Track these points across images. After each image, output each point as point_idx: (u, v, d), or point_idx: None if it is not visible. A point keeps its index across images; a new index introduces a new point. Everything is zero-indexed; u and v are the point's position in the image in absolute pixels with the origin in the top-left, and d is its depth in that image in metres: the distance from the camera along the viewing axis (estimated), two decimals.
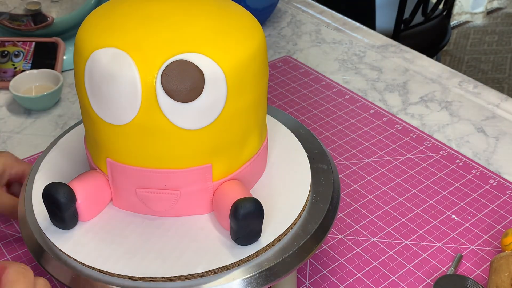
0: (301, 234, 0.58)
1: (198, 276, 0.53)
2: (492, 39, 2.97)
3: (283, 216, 0.58)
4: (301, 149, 0.67)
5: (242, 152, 0.59)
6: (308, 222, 0.59)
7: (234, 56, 0.54)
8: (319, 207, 0.61)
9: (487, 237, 0.74)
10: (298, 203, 0.60)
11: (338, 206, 0.62)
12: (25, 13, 1.02)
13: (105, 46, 0.53)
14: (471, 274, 0.69)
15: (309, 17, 1.26)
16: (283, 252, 0.56)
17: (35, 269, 0.70)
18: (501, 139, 0.90)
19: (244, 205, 0.53)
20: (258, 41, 0.57)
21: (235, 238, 0.55)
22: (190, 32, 0.53)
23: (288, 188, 0.62)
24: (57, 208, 0.55)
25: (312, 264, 0.70)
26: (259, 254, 0.56)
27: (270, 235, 0.56)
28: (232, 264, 0.54)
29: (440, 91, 1.01)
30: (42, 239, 0.58)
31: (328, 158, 0.67)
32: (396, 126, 0.92)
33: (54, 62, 1.03)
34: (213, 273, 0.54)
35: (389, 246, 0.72)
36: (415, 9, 1.95)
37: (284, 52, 1.14)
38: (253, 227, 0.54)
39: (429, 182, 0.82)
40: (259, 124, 0.60)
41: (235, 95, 0.54)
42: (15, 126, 0.94)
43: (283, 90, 1.01)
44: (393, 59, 1.11)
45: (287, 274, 0.56)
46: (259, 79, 0.57)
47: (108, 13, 0.56)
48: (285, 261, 0.56)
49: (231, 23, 0.56)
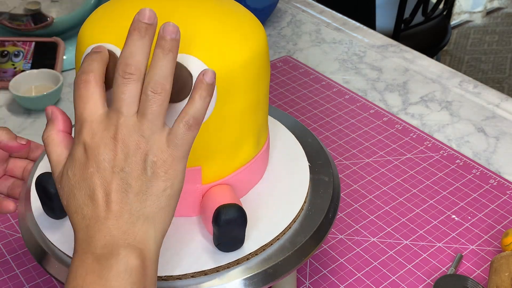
0: (288, 246, 0.56)
1: (175, 278, 0.53)
2: (492, 39, 2.97)
3: (271, 226, 0.57)
4: (304, 159, 0.65)
5: (235, 157, 0.58)
6: (298, 234, 0.57)
7: (227, 59, 0.53)
8: (312, 220, 0.59)
9: (487, 237, 0.74)
10: (290, 214, 0.58)
11: (333, 221, 0.60)
12: (25, 13, 1.02)
13: (102, 42, 0.53)
14: (471, 274, 0.69)
15: (309, 17, 1.26)
16: (265, 262, 0.55)
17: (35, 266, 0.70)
18: (501, 139, 0.90)
19: (226, 211, 0.52)
20: (258, 46, 0.56)
21: (216, 243, 0.54)
22: (186, 33, 0.53)
23: (283, 198, 0.60)
24: (47, 198, 0.56)
25: (312, 264, 0.70)
26: (240, 262, 0.54)
27: (254, 244, 0.55)
28: (210, 270, 0.53)
29: (440, 91, 1.01)
30: (41, 237, 0.58)
31: (332, 170, 0.65)
32: (396, 126, 0.92)
33: (54, 62, 1.02)
34: (191, 277, 0.53)
35: (389, 246, 0.72)
36: (415, 9, 1.95)
37: (284, 52, 1.13)
38: (235, 234, 0.53)
39: (429, 182, 0.82)
40: (256, 129, 0.59)
41: (226, 99, 0.53)
42: (15, 126, 0.94)
43: (283, 90, 1.01)
44: (393, 59, 1.11)
45: (270, 284, 0.54)
46: (256, 83, 0.56)
47: (110, 11, 0.57)
48: (268, 270, 0.55)
49: (232, 25, 0.55)
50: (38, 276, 0.69)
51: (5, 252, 0.71)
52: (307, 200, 0.61)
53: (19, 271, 0.69)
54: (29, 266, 0.70)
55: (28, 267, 0.70)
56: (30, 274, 0.69)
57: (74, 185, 0.46)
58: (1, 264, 0.70)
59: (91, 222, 0.45)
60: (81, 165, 0.46)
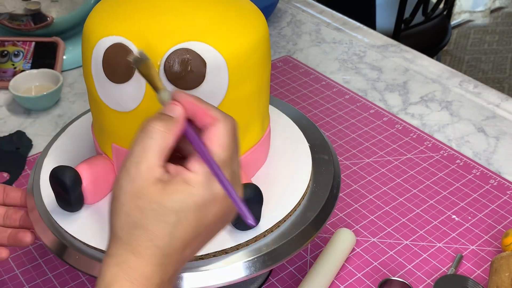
0: (300, 221, 0.59)
1: (198, 258, 0.55)
2: (493, 39, 2.97)
3: (282, 204, 0.60)
4: (303, 140, 0.68)
5: (244, 140, 0.60)
6: (308, 210, 0.61)
7: (236, 45, 0.55)
8: (318, 196, 0.62)
9: (487, 237, 0.74)
10: (298, 191, 0.61)
11: (338, 195, 0.64)
12: (25, 13, 1.02)
13: (111, 34, 0.54)
14: (471, 274, 0.69)
15: (309, 17, 1.25)
16: (282, 237, 0.58)
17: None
18: (501, 139, 0.90)
19: (244, 191, 0.53)
20: (261, 31, 0.58)
21: (234, 223, 0.56)
22: (194, 21, 0.55)
23: (289, 177, 0.63)
24: (63, 190, 0.57)
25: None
26: (258, 239, 0.57)
27: (269, 222, 0.58)
28: (231, 248, 0.56)
29: (440, 91, 1.01)
30: (49, 222, 0.59)
31: (330, 148, 0.68)
32: (396, 126, 0.92)
33: (54, 62, 1.02)
34: (212, 256, 0.55)
35: (389, 246, 0.72)
36: (415, 9, 1.95)
37: (284, 52, 1.13)
38: (252, 213, 0.55)
39: (429, 182, 0.82)
40: (261, 113, 0.61)
41: (237, 83, 0.55)
42: (15, 126, 0.94)
43: (283, 90, 1.01)
44: (393, 59, 1.10)
45: (286, 259, 0.57)
46: (261, 68, 0.58)
47: (115, 2, 0.58)
48: (283, 246, 0.57)
49: (235, 13, 0.57)
50: (38, 276, 0.69)
51: None
52: (311, 178, 0.63)
53: (19, 271, 0.69)
54: (29, 266, 0.70)
55: (28, 267, 0.70)
56: (30, 274, 0.69)
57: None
58: (1, 264, 0.70)
59: (164, 252, 0.42)
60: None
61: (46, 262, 0.70)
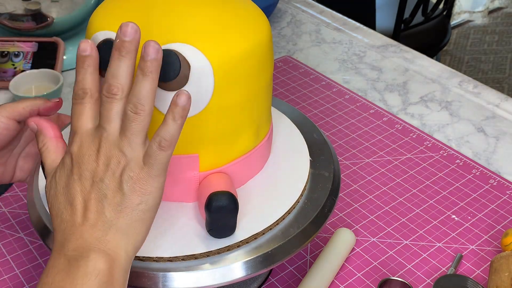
0: (279, 236, 0.57)
1: (166, 260, 0.54)
2: (492, 39, 2.97)
3: (265, 216, 0.58)
4: (306, 153, 0.66)
5: (233, 147, 0.59)
6: (291, 226, 0.58)
7: (226, 50, 0.53)
8: (307, 213, 0.60)
9: (487, 237, 0.74)
10: (284, 205, 0.59)
11: (329, 215, 0.61)
12: (25, 13, 1.02)
13: (103, 29, 0.54)
14: (471, 274, 0.69)
15: (309, 17, 1.26)
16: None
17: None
18: (501, 139, 0.90)
19: (218, 198, 0.53)
20: (259, 37, 0.56)
21: (208, 229, 0.55)
22: (186, 23, 0.54)
23: (280, 190, 0.61)
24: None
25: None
26: (231, 249, 0.56)
27: (246, 232, 0.56)
28: (201, 254, 0.55)
29: (440, 91, 1.01)
30: (48, 220, 0.59)
31: (334, 166, 0.66)
32: (396, 126, 0.92)
33: (54, 62, 1.02)
34: (181, 260, 0.54)
35: (389, 246, 0.72)
36: (415, 9, 1.95)
37: (284, 52, 1.13)
38: (226, 221, 0.55)
39: (429, 182, 0.82)
40: (255, 121, 0.60)
41: (225, 89, 0.54)
42: None
43: (283, 90, 1.01)
44: (393, 59, 1.11)
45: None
46: (256, 74, 0.57)
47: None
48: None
49: (234, 16, 0.56)
50: (38, 276, 0.69)
51: (5, 252, 0.71)
52: (304, 194, 0.62)
53: (19, 271, 0.69)
54: (29, 266, 0.70)
55: (28, 267, 0.70)
56: (30, 274, 0.69)
57: (59, 190, 0.50)
58: (1, 264, 0.70)
59: (68, 226, 0.48)
60: (67, 172, 0.50)
61: (46, 262, 0.70)
